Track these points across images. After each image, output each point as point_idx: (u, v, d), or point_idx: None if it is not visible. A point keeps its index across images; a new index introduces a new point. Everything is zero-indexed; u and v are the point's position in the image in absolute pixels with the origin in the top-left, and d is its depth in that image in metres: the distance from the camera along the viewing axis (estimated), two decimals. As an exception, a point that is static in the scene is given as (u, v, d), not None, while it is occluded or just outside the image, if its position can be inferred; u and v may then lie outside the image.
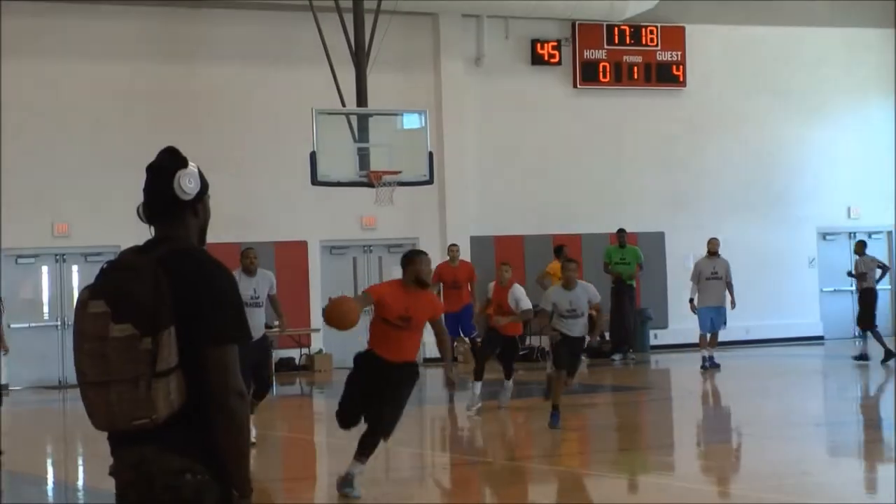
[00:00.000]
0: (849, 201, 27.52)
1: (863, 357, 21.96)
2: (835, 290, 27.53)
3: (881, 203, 27.64)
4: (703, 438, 15.09)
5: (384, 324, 10.47)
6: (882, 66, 27.99)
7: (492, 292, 16.01)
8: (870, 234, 27.92)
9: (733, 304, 21.39)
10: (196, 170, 4.20)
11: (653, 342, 25.01)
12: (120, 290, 3.98)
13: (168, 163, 4.18)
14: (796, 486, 10.99)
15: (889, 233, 28.06)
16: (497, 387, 16.63)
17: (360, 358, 10.77)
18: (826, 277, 27.41)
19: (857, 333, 22.27)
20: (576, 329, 14.55)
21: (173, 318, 3.94)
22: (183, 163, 4.18)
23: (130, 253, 4.14)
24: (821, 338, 26.70)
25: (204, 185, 4.23)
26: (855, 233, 27.78)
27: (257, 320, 13.36)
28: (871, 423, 15.76)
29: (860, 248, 22.65)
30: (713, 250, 21.78)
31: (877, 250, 28.02)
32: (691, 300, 21.73)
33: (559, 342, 14.45)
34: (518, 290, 15.70)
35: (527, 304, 15.69)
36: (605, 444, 14.49)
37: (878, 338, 21.98)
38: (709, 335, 21.60)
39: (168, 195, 4.15)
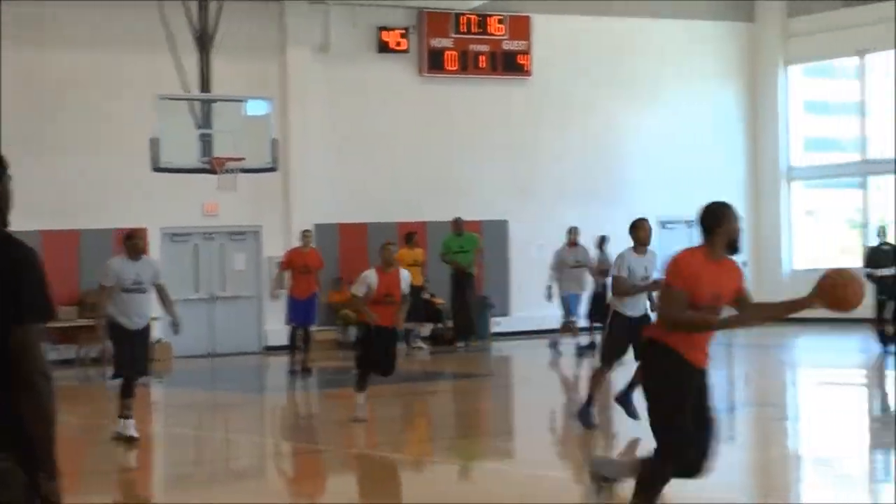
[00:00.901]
0: (687, 190, 28.07)
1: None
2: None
3: (718, 192, 28.25)
4: (545, 425, 15.28)
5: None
6: (719, 57, 28.74)
7: (374, 280, 13.66)
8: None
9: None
10: None
11: (494, 329, 25.22)
12: None
13: None
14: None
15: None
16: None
17: (666, 363, 7.38)
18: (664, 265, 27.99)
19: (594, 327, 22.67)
20: (640, 305, 12.47)
21: None
22: None
23: None
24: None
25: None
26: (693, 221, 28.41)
27: (140, 307, 12.89)
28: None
29: (602, 243, 22.96)
30: (574, 240, 22.34)
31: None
32: (549, 287, 22.21)
33: (619, 327, 12.29)
34: (407, 275, 14.04)
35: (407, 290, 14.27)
36: (447, 432, 14.57)
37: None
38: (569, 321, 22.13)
39: None
